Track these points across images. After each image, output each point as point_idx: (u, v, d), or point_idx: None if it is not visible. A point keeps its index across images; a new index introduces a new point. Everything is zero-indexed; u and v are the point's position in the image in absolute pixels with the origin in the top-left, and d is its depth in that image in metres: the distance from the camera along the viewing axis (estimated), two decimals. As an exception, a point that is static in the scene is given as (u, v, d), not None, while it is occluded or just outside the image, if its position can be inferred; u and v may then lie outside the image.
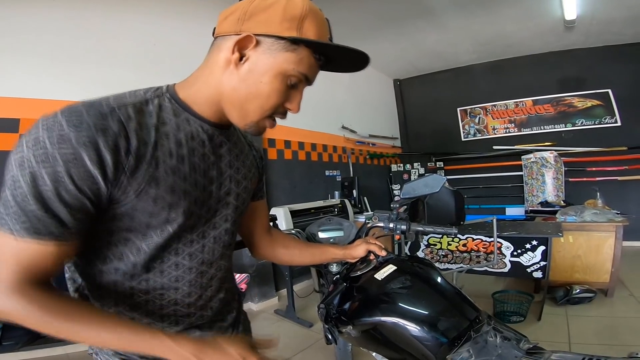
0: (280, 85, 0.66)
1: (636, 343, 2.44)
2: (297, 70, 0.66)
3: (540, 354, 0.84)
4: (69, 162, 0.53)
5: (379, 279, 0.96)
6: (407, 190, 1.15)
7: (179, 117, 0.68)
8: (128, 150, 0.59)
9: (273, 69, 0.64)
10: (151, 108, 0.65)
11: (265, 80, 0.65)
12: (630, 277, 3.72)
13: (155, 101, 0.66)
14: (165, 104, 0.67)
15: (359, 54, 0.68)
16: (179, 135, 0.67)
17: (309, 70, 0.68)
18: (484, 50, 6.07)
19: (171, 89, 0.70)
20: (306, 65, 0.66)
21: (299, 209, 3.76)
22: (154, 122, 0.64)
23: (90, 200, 0.57)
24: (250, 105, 0.67)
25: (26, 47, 2.60)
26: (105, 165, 0.56)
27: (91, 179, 0.55)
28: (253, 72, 0.65)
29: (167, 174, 0.64)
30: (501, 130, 6.55)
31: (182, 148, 0.67)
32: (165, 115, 0.66)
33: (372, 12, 4.57)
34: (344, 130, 5.63)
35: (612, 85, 5.60)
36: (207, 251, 0.76)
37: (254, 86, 0.66)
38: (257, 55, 0.64)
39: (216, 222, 0.77)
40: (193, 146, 0.69)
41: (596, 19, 4.83)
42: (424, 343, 0.85)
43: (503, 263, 3.10)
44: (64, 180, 0.53)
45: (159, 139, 0.64)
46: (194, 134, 0.69)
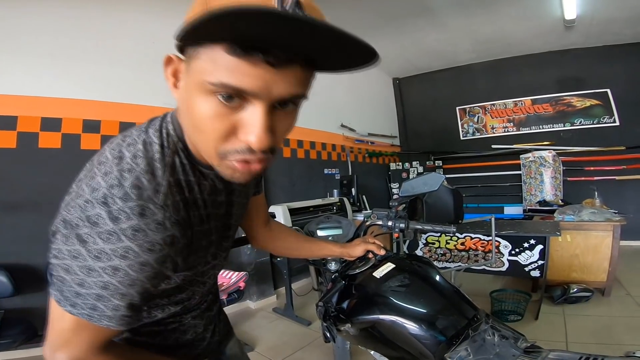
0: (208, 109, 0.47)
1: (633, 342, 2.45)
2: (212, 82, 0.45)
3: (537, 352, 0.84)
4: (150, 278, 0.55)
5: (378, 277, 0.97)
6: (405, 188, 1.15)
7: (196, 175, 0.62)
8: (176, 245, 0.59)
9: (190, 87, 0.49)
10: (179, 175, 0.59)
11: (191, 105, 0.49)
12: (628, 276, 3.73)
13: (176, 162, 0.59)
14: (185, 162, 0.60)
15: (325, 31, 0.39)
16: (199, 197, 0.64)
17: (232, 75, 0.44)
18: (483, 50, 6.07)
19: (179, 134, 0.60)
20: (222, 69, 0.44)
21: (298, 207, 3.76)
22: (184, 198, 0.60)
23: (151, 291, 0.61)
24: (198, 144, 0.55)
25: (25, 44, 2.59)
26: (177, 267, 0.62)
27: (168, 279, 0.65)
28: (182, 97, 0.53)
29: (197, 238, 0.66)
30: (500, 129, 6.56)
31: (200, 210, 0.65)
32: (188, 179, 0.61)
33: (371, 11, 4.56)
34: (343, 128, 5.63)
35: (611, 85, 5.61)
36: (217, 268, 0.81)
37: (188, 115, 0.53)
38: (184, 74, 0.52)
39: (222, 245, 0.80)
40: (210, 202, 0.67)
41: (596, 19, 4.84)
42: (422, 341, 0.85)
43: (501, 262, 3.10)
44: (147, 287, 0.56)
45: (188, 217, 0.61)
46: (213, 188, 0.67)
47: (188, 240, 0.61)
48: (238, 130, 0.49)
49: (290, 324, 3.25)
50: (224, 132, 0.49)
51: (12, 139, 2.50)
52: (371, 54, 0.44)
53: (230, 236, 0.81)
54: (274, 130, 0.50)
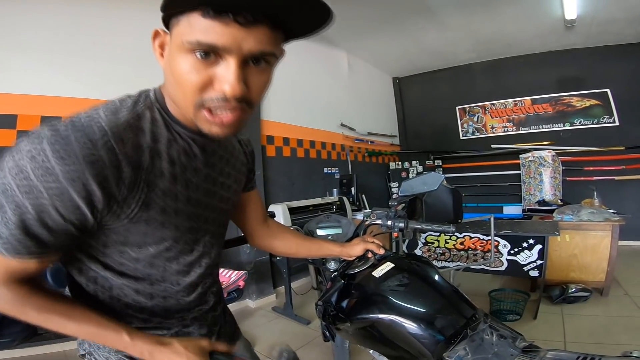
0: (187, 65, 0.54)
1: (631, 342, 2.46)
2: (190, 41, 0.53)
3: (535, 352, 0.85)
4: (54, 196, 0.52)
5: (377, 277, 0.97)
6: (405, 188, 1.15)
7: (170, 132, 0.65)
8: (120, 179, 0.57)
9: (173, 50, 0.56)
10: (144, 124, 0.62)
11: (173, 65, 0.56)
12: (626, 276, 3.74)
13: (147, 114, 0.63)
14: (157, 117, 0.64)
15: None
16: (172, 152, 0.65)
17: (206, 34, 0.52)
18: (483, 49, 6.07)
19: (159, 97, 0.66)
20: (199, 29, 0.52)
21: (297, 206, 3.76)
22: (147, 141, 0.61)
23: (76, 226, 0.56)
24: (178, 99, 0.60)
25: (24, 42, 2.58)
26: (94, 199, 0.55)
27: (78, 210, 0.54)
28: (167, 62, 0.59)
29: (159, 196, 0.63)
30: (499, 129, 6.56)
31: (174, 167, 0.65)
32: (158, 131, 0.64)
33: (371, 10, 4.56)
34: (343, 127, 5.63)
35: (611, 85, 5.61)
36: (204, 255, 0.78)
37: (171, 76, 0.59)
38: (168, 44, 0.59)
39: (208, 228, 0.78)
40: (186, 163, 0.68)
41: (596, 19, 4.84)
42: (421, 340, 0.86)
43: (500, 261, 3.11)
44: (48, 211, 0.52)
45: (152, 160, 0.62)
46: (187, 150, 0.68)
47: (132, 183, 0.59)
48: (214, 82, 0.55)
49: (290, 323, 3.25)
50: (201, 84, 0.55)
51: (12, 138, 2.50)
52: (327, 13, 0.55)
53: (221, 211, 0.80)
54: (247, 83, 0.57)
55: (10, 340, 2.35)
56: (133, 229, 0.63)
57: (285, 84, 4.53)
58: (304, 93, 4.90)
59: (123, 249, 0.65)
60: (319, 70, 5.19)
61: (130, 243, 0.65)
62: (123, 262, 0.67)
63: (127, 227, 0.62)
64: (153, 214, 0.63)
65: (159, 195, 0.63)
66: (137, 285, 0.70)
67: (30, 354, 2.51)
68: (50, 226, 0.54)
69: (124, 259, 0.67)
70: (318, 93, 5.13)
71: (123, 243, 0.65)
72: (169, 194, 0.65)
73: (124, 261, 0.67)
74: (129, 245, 0.65)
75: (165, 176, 0.64)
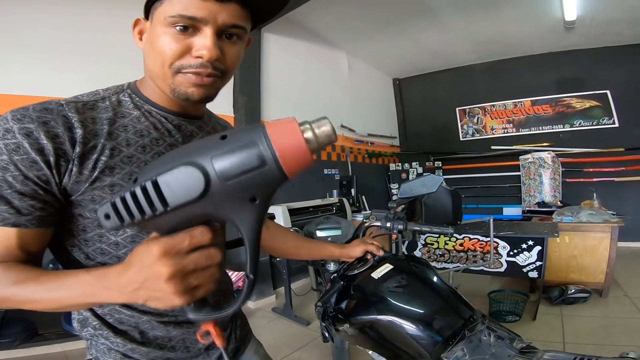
0: (167, 37, 0.62)
1: (630, 343, 2.46)
2: (172, 15, 0.60)
3: (533, 353, 0.86)
4: (12, 151, 0.56)
5: (376, 278, 0.98)
6: (404, 189, 1.16)
7: (140, 110, 0.70)
8: (72, 139, 0.60)
9: (155, 27, 0.64)
10: (107, 104, 0.67)
11: (154, 40, 0.64)
12: (625, 277, 3.75)
13: (113, 98, 0.69)
14: (125, 99, 0.70)
15: None
16: (140, 126, 0.68)
17: (186, 8, 0.60)
18: (483, 50, 6.08)
19: (132, 85, 0.73)
20: (179, 6, 0.60)
21: (297, 208, 3.77)
22: (108, 115, 0.66)
23: (39, 185, 0.58)
24: (156, 69, 0.65)
25: (24, 43, 2.59)
26: (47, 152, 0.58)
27: (35, 165, 0.57)
28: (147, 41, 0.67)
29: (124, 162, 0.64)
30: (499, 130, 6.57)
31: (143, 138, 0.68)
32: (124, 110, 0.68)
33: (372, 12, 4.57)
34: (343, 129, 5.63)
35: (611, 86, 5.62)
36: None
37: (151, 51, 0.65)
38: (148, 27, 0.67)
39: None
40: (157, 136, 0.70)
41: (596, 20, 4.85)
42: (419, 341, 0.87)
43: (499, 263, 3.12)
44: (9, 167, 0.56)
45: (114, 130, 0.65)
46: (157, 125, 0.71)
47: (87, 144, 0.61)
48: (191, 50, 0.62)
49: (289, 323, 3.26)
50: (180, 51, 0.62)
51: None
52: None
53: None
54: (222, 52, 0.64)
55: (11, 340, 2.36)
56: (99, 198, 0.62)
57: (286, 85, 4.55)
58: (304, 94, 4.91)
59: (101, 232, 0.65)
60: (319, 71, 5.20)
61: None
62: (104, 250, 0.66)
63: (92, 197, 0.62)
64: (118, 179, 0.64)
65: (125, 161, 0.65)
66: None
67: (31, 354, 2.52)
68: (15, 187, 0.56)
69: (103, 244, 0.66)
70: (318, 94, 5.14)
71: (99, 224, 0.64)
72: (136, 161, 0.66)
73: (104, 247, 0.66)
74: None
75: (131, 145, 0.66)
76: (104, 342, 0.70)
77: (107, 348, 0.70)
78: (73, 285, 0.54)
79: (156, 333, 0.71)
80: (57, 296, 0.56)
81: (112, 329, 0.69)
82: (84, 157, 0.61)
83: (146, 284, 0.47)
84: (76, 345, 2.62)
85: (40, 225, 0.59)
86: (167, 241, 0.45)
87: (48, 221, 0.61)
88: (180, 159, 0.40)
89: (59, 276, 0.57)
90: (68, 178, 0.60)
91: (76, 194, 0.62)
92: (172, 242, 0.45)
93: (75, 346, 2.62)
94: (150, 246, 0.45)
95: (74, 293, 0.55)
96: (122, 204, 0.42)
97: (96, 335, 0.70)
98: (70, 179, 0.60)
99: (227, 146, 0.39)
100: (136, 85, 0.73)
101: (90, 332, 0.70)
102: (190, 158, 0.39)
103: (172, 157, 0.41)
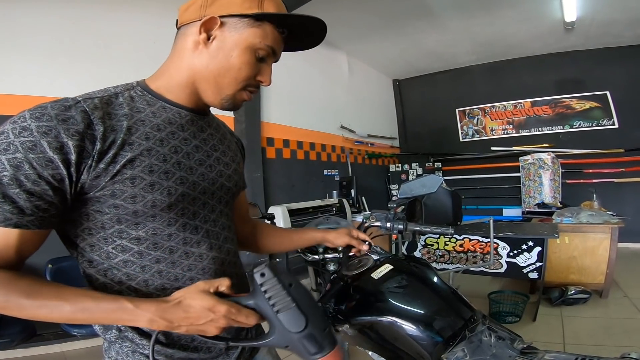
0: (250, 58, 0.70)
1: (630, 344, 2.46)
2: (264, 44, 0.70)
3: (534, 353, 0.85)
4: (27, 149, 0.55)
5: (376, 278, 0.97)
6: (404, 190, 1.16)
7: (154, 106, 0.71)
8: (93, 136, 0.60)
9: (241, 43, 0.69)
10: (121, 100, 0.68)
11: (235, 54, 0.69)
12: (625, 278, 3.74)
13: (125, 94, 0.69)
14: (137, 96, 0.71)
15: (316, 22, 0.72)
16: (156, 120, 0.69)
17: (275, 43, 0.72)
18: (483, 51, 6.09)
19: (141, 83, 0.74)
20: (271, 38, 0.71)
21: (297, 208, 3.76)
22: (125, 111, 0.67)
23: (52, 185, 0.57)
24: (223, 79, 0.71)
25: (25, 44, 2.60)
26: (67, 150, 0.58)
27: (50, 164, 0.57)
28: (222, 49, 0.69)
29: (144, 155, 0.65)
30: (499, 131, 6.58)
31: (160, 132, 0.69)
32: (139, 105, 0.69)
33: (372, 12, 4.58)
34: (343, 129, 5.64)
35: (611, 87, 5.63)
36: (213, 236, 0.76)
37: (225, 60, 0.70)
38: (224, 33, 0.69)
39: (214, 205, 0.77)
40: (172, 130, 0.71)
41: (596, 21, 4.86)
42: (420, 342, 0.86)
43: (499, 264, 3.11)
44: (22, 166, 0.55)
45: (132, 125, 0.66)
46: (172, 120, 0.72)
47: (107, 139, 0.62)
48: (257, 75, 0.74)
49: (289, 324, 3.25)
50: (253, 75, 0.73)
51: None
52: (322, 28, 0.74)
53: (222, 186, 0.79)
54: None
55: (9, 340, 2.36)
56: (118, 190, 0.62)
57: (286, 86, 4.55)
58: (305, 95, 4.91)
59: (120, 227, 0.65)
60: (320, 72, 5.21)
61: (125, 219, 0.65)
62: (125, 247, 0.66)
63: (113, 192, 0.62)
64: (139, 172, 0.64)
65: (145, 154, 0.65)
66: (145, 275, 0.68)
67: (29, 355, 2.51)
68: (25, 186, 0.56)
69: (124, 240, 0.66)
70: (318, 95, 5.14)
71: (118, 220, 0.65)
72: (155, 154, 0.67)
73: (125, 244, 0.66)
74: (125, 222, 0.65)
75: (150, 139, 0.67)
76: (129, 345, 0.69)
77: (131, 350, 0.69)
78: (112, 311, 0.59)
79: (179, 334, 0.71)
80: (87, 317, 0.59)
81: (137, 331, 0.69)
82: (104, 153, 0.61)
83: (199, 327, 0.61)
84: (75, 345, 2.61)
85: (41, 227, 0.59)
86: (234, 310, 0.61)
87: (49, 222, 0.60)
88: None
89: (93, 298, 0.59)
90: (87, 174, 0.60)
91: (94, 190, 0.62)
92: (237, 313, 0.62)
93: (74, 346, 2.62)
94: (218, 306, 0.60)
95: (110, 317, 0.60)
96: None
97: (121, 338, 0.69)
98: (89, 175, 0.61)
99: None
100: (145, 82, 0.74)
101: (115, 334, 0.70)
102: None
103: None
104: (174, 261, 0.70)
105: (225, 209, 0.81)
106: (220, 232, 0.78)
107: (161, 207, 0.67)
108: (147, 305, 0.59)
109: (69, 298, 0.57)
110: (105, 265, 0.67)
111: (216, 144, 0.80)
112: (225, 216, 0.81)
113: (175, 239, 0.70)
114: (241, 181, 0.90)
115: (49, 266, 2.34)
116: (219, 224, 0.78)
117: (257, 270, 0.62)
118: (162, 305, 0.60)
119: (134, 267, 0.67)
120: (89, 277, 0.69)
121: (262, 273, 0.61)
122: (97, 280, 0.68)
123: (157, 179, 0.66)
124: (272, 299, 0.61)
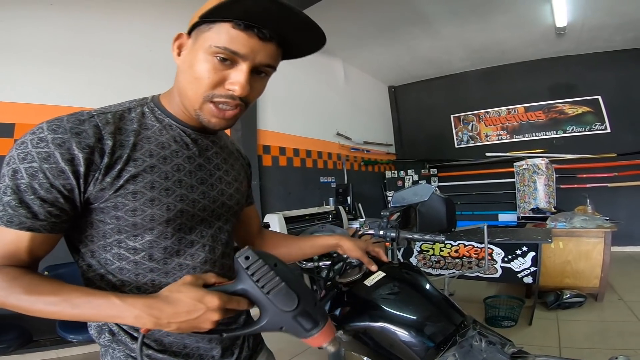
0: (208, 64, 0.65)
1: (625, 347, 2.48)
2: (216, 46, 0.63)
3: (524, 358, 0.87)
4: (42, 160, 0.60)
5: (368, 285, 0.99)
6: (396, 198, 1.18)
7: (162, 123, 0.74)
8: (102, 150, 0.64)
9: (197, 50, 0.66)
10: (133, 115, 0.71)
11: (194, 63, 0.66)
12: (620, 281, 3.77)
13: (137, 109, 0.73)
14: (148, 112, 0.74)
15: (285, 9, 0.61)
16: (161, 138, 0.72)
17: (233, 42, 0.63)
18: (477, 58, 6.16)
19: (155, 99, 0.77)
20: (226, 38, 0.63)
21: (293, 216, 3.77)
22: (134, 127, 0.70)
23: (63, 194, 0.62)
24: (189, 91, 0.69)
25: (22, 52, 2.61)
26: (77, 162, 0.62)
27: (62, 174, 0.61)
28: (186, 61, 0.69)
29: (147, 172, 0.68)
30: (494, 137, 6.63)
31: (164, 150, 0.71)
32: (148, 122, 0.72)
33: (366, 20, 4.63)
34: (339, 137, 5.67)
35: (602, 91, 5.71)
36: (208, 250, 0.77)
37: (188, 71, 0.68)
38: (189, 45, 0.69)
39: (213, 222, 0.79)
40: (176, 149, 0.73)
41: (587, 26, 4.94)
42: (412, 347, 0.88)
43: (494, 269, 3.13)
44: (37, 175, 0.60)
45: (138, 142, 0.69)
46: (177, 138, 0.74)
47: (114, 154, 0.65)
48: (225, 82, 0.66)
49: (286, 331, 3.24)
50: (215, 82, 0.66)
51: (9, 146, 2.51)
52: (322, 41, 0.69)
53: (223, 204, 0.80)
54: (250, 87, 0.68)
55: (6, 346, 2.34)
56: (120, 203, 0.66)
57: (282, 93, 4.58)
58: (300, 102, 4.94)
59: (120, 237, 0.69)
60: (315, 79, 5.24)
61: (125, 229, 0.68)
62: (122, 255, 0.69)
63: (115, 204, 0.65)
64: (140, 187, 0.67)
65: (147, 170, 0.68)
66: (138, 282, 0.70)
67: (25, 362, 2.50)
68: (39, 194, 0.60)
69: (122, 250, 0.69)
70: (314, 102, 5.17)
71: (118, 230, 0.68)
72: (157, 171, 0.69)
73: (122, 253, 0.69)
74: (125, 233, 0.68)
75: (154, 157, 0.70)
76: (122, 348, 0.71)
77: (124, 356, 0.71)
78: (100, 306, 0.59)
79: (171, 340, 0.73)
80: (78, 312, 0.60)
81: (129, 336, 0.71)
82: (110, 167, 0.65)
83: (193, 323, 0.59)
84: (71, 351, 2.60)
85: (52, 231, 0.63)
86: (224, 298, 0.60)
87: (60, 227, 0.64)
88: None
89: (84, 293, 0.61)
90: (93, 186, 0.64)
91: (99, 202, 0.65)
92: (227, 301, 0.60)
93: (70, 352, 2.61)
94: (208, 297, 0.59)
95: (99, 313, 0.60)
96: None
97: (114, 342, 0.71)
98: (95, 187, 0.64)
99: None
100: (159, 99, 0.76)
101: (108, 338, 0.72)
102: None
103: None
104: (167, 272, 0.72)
105: (225, 226, 0.83)
106: (217, 247, 0.80)
107: (159, 221, 0.69)
108: (134, 300, 0.59)
109: (62, 294, 0.60)
110: (102, 271, 0.70)
111: (220, 162, 0.82)
112: (224, 232, 0.83)
113: (170, 251, 0.72)
114: (243, 199, 0.91)
115: (45, 273, 2.34)
116: (217, 239, 0.80)
117: (239, 254, 0.61)
118: (149, 301, 0.59)
119: (129, 274, 0.70)
120: (87, 280, 0.72)
121: (246, 256, 0.60)
122: (94, 284, 0.71)
123: (158, 195, 0.69)
124: (261, 281, 0.60)
